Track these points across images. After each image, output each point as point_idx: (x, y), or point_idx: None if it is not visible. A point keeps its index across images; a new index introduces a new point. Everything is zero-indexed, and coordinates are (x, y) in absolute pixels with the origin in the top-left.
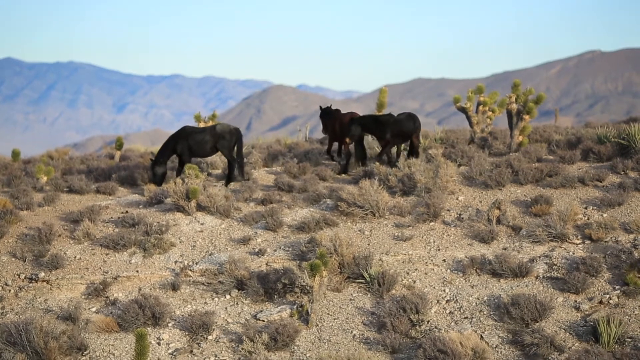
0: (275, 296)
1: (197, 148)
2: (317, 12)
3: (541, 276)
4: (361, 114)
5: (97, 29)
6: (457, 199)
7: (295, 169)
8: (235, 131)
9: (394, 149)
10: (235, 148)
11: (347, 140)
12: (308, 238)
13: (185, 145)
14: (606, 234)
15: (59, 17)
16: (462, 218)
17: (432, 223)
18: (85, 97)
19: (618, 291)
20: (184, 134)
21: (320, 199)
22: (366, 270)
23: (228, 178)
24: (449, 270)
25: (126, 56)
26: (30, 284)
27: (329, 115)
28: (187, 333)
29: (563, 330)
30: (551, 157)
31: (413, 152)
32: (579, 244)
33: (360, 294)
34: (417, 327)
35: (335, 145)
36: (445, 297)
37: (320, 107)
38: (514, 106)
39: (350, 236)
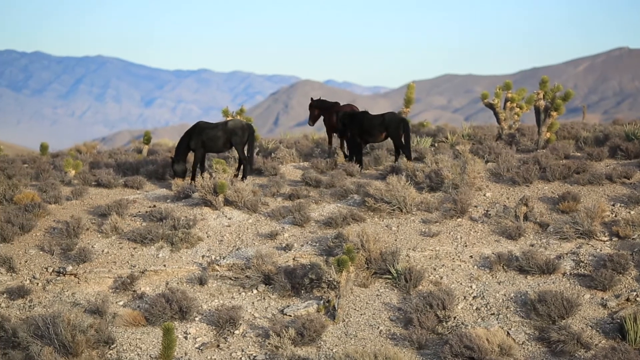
0: (302, 291)
1: (210, 144)
2: (345, 8)
3: (568, 273)
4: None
5: (125, 23)
6: (484, 195)
7: (322, 164)
8: (247, 127)
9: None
10: (247, 144)
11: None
12: (335, 233)
13: (199, 141)
14: (634, 231)
15: (88, 11)
16: (490, 214)
17: (459, 219)
18: (113, 91)
19: None
20: (198, 129)
21: (347, 195)
22: (393, 266)
23: (243, 174)
24: (475, 267)
25: (154, 50)
26: (58, 278)
27: (326, 108)
28: (214, 327)
29: (590, 328)
30: (579, 154)
31: (396, 152)
32: (607, 241)
33: (387, 290)
34: (444, 323)
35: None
36: (472, 293)
37: (312, 99)
38: (542, 103)
39: (378, 232)
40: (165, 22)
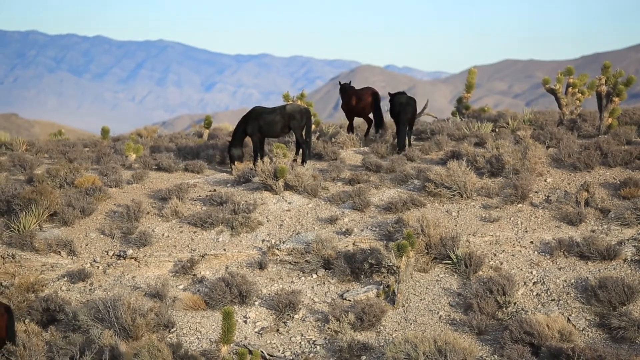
0: (362, 276)
1: (267, 128)
2: None
3: (629, 259)
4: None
5: (186, 8)
6: (545, 180)
7: (382, 149)
8: (305, 111)
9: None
10: (305, 128)
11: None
12: (395, 218)
13: (256, 126)
14: None
15: None
16: (550, 200)
17: (519, 205)
18: (173, 76)
19: None
20: (254, 114)
21: (407, 180)
22: (453, 251)
23: (303, 158)
24: (536, 252)
25: (215, 35)
26: (119, 261)
27: (344, 91)
28: (273, 312)
29: None
30: None
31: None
32: None
33: (446, 275)
34: (504, 308)
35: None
36: (532, 279)
37: (339, 83)
38: (604, 88)
39: (438, 217)
40: (226, 6)
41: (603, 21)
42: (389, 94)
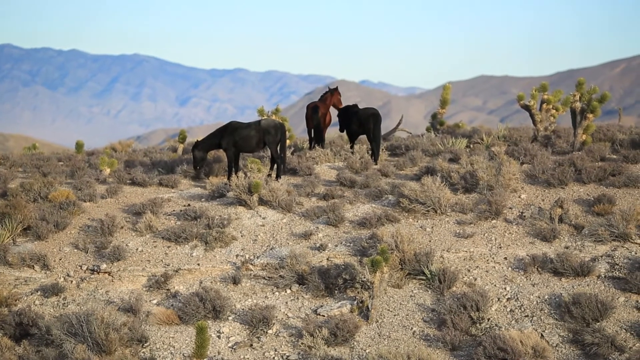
0: (336, 291)
1: (242, 143)
2: (381, 7)
3: (603, 275)
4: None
5: (161, 22)
6: (519, 197)
7: (357, 164)
8: (280, 126)
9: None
10: (279, 143)
11: None
12: (369, 234)
13: (231, 141)
14: None
15: (124, 9)
16: (524, 216)
17: (493, 221)
18: (148, 90)
19: None
20: (230, 129)
21: (382, 195)
22: (427, 267)
23: (277, 173)
24: (510, 268)
25: (190, 50)
26: (92, 276)
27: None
28: (247, 327)
29: (624, 330)
30: (614, 157)
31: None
32: None
33: (420, 291)
34: (478, 324)
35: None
36: (506, 295)
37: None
38: (578, 105)
39: (412, 232)
40: (202, 20)
41: (577, 38)
42: (338, 110)
